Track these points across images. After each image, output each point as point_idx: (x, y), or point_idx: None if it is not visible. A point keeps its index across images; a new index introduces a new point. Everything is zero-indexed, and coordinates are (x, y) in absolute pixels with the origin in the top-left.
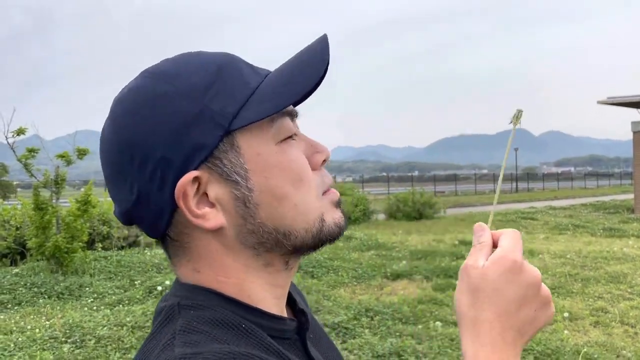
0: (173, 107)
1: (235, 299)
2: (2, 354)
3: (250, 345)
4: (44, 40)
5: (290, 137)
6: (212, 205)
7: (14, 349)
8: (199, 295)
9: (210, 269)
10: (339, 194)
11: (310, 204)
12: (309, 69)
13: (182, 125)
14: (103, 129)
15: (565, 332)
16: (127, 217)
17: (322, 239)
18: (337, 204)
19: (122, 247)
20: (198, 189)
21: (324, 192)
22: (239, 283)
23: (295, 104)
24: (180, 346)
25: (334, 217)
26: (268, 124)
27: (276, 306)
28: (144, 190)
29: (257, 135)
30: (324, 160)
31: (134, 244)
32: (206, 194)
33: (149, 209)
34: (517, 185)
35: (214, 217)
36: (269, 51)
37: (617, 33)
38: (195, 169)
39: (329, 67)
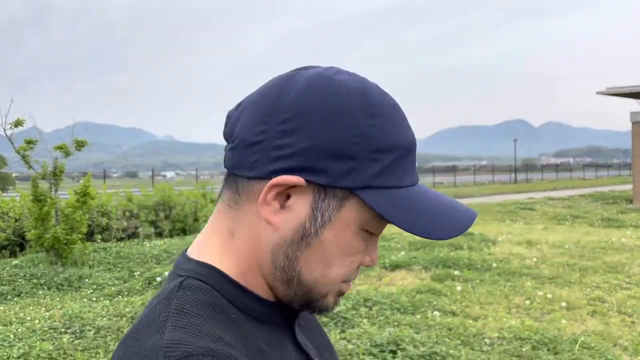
0: (347, 133)
1: (233, 280)
2: (1, 345)
3: (234, 333)
4: (43, 32)
5: (373, 233)
6: (282, 207)
7: (14, 339)
8: (202, 272)
9: (241, 245)
10: (349, 289)
11: (332, 281)
12: (447, 229)
13: (334, 151)
14: (302, 76)
15: (563, 321)
16: (234, 140)
17: (311, 304)
18: (341, 294)
19: (122, 239)
20: (289, 188)
21: (344, 281)
22: (244, 272)
23: None
24: (171, 329)
25: (330, 300)
26: (375, 214)
27: (269, 294)
28: (265, 146)
29: (360, 211)
30: (367, 265)
31: (133, 235)
32: (289, 197)
33: (250, 156)
34: (515, 176)
35: (274, 214)
36: (266, 44)
37: (617, 25)
38: (306, 180)
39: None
